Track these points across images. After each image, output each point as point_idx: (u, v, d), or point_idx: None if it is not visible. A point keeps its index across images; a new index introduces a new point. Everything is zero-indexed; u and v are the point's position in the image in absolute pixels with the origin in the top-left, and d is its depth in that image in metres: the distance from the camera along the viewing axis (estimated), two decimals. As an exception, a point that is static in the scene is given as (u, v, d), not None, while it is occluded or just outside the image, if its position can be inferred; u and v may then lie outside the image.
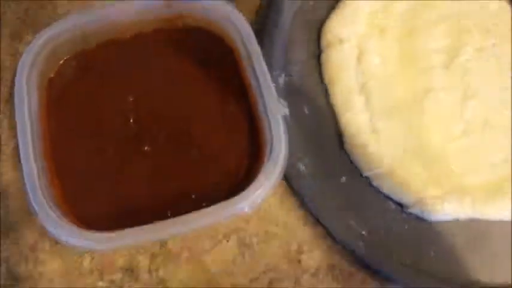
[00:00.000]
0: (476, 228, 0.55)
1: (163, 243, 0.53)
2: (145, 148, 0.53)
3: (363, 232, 0.53)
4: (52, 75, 0.55)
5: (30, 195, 0.47)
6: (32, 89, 0.52)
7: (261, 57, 0.51)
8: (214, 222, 0.51)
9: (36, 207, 0.47)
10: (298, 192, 0.53)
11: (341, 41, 0.58)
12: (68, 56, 0.56)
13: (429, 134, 0.57)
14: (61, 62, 0.55)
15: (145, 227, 0.47)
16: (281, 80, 0.57)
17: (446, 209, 0.54)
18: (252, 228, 0.53)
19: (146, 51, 0.56)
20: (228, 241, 0.53)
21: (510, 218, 0.55)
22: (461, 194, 0.55)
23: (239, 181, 0.52)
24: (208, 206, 0.49)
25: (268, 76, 0.50)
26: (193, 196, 0.52)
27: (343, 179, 0.55)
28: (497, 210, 0.55)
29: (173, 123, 0.54)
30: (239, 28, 0.53)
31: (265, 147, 0.51)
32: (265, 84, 0.51)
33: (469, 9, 0.62)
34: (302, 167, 0.54)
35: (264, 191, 0.48)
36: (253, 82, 0.52)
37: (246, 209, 0.48)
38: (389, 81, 0.58)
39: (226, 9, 0.53)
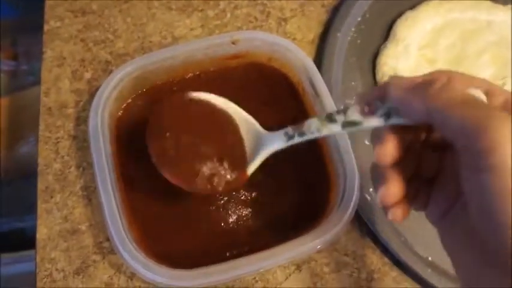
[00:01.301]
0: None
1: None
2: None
3: (429, 258, 0.56)
4: (120, 114, 0.56)
5: (113, 233, 0.49)
6: (104, 128, 0.53)
7: (326, 90, 0.54)
8: (289, 259, 0.53)
9: (119, 245, 0.49)
10: (366, 221, 0.56)
11: (395, 73, 0.61)
12: (134, 95, 0.57)
13: None
14: (129, 101, 0.57)
15: (222, 265, 0.50)
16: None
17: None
18: (323, 258, 0.56)
19: (211, 89, 0.58)
20: (300, 272, 0.55)
21: None
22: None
23: (308, 214, 0.54)
24: (278, 238, 0.52)
25: (332, 108, 0.53)
26: (264, 231, 0.54)
27: (407, 206, 0.57)
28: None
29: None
30: (303, 64, 0.56)
31: (334, 178, 0.55)
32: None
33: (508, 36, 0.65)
34: (367, 197, 0.56)
35: (339, 229, 0.51)
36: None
37: (322, 246, 0.51)
38: None
39: (288, 45, 0.56)
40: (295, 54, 0.58)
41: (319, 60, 0.63)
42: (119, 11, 0.65)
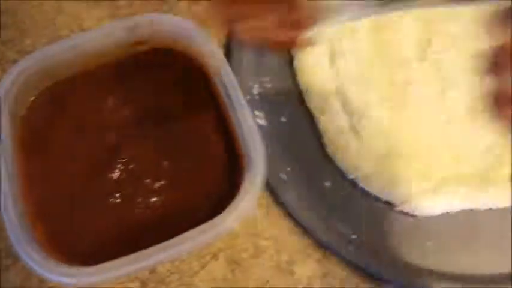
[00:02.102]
0: (468, 220, 0.57)
1: (152, 269, 0.53)
2: (124, 177, 0.53)
3: (353, 236, 0.55)
4: (23, 113, 0.56)
5: (13, 238, 0.48)
6: (5, 129, 0.52)
7: (229, 71, 0.53)
8: (201, 244, 0.51)
9: (19, 250, 0.48)
10: (282, 202, 0.54)
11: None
12: (38, 92, 0.56)
13: (413, 127, 0.59)
14: (31, 98, 0.56)
15: (130, 256, 0.48)
16: (255, 91, 0.59)
17: (437, 203, 0.54)
18: (240, 244, 0.55)
19: (117, 79, 0.57)
20: (216, 260, 0.53)
21: (499, 206, 0.55)
22: (453, 184, 0.56)
23: (220, 198, 0.53)
24: (192, 227, 0.50)
25: (237, 90, 0.53)
26: (175, 219, 0.52)
27: (328, 183, 0.56)
28: (491, 199, 0.55)
29: (149, 148, 0.54)
30: (204, 44, 0.54)
31: (243, 161, 0.53)
32: (236, 98, 0.52)
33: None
34: (284, 176, 0.55)
35: (247, 203, 0.50)
36: (225, 98, 0.53)
37: (233, 225, 0.50)
38: (365, 79, 0.60)
39: (189, 27, 0.55)
40: (198, 36, 0.56)
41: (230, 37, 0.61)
42: (30, 7, 0.64)
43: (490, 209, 0.57)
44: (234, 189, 0.52)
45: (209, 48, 0.55)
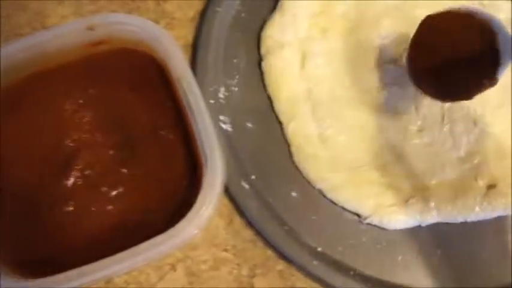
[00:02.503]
0: (441, 234, 0.55)
1: (108, 280, 0.51)
2: (79, 184, 0.51)
3: (319, 249, 0.53)
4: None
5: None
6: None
7: (189, 75, 0.52)
8: (158, 255, 0.49)
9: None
10: (244, 213, 0.52)
11: (282, 46, 0.57)
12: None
13: (384, 135, 0.56)
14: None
15: (84, 268, 0.47)
16: (221, 94, 0.56)
17: (407, 215, 0.52)
18: (200, 255, 0.54)
19: (76, 80, 0.55)
20: (175, 271, 0.52)
21: (475, 219, 0.53)
22: (424, 197, 0.53)
23: (180, 206, 0.51)
24: (150, 236, 0.48)
25: (197, 96, 0.51)
26: (133, 228, 0.51)
27: (294, 193, 0.54)
28: (465, 212, 0.52)
29: (107, 154, 0.52)
30: (166, 45, 0.53)
31: (203, 168, 0.51)
32: (196, 105, 0.50)
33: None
34: (247, 186, 0.52)
35: (205, 212, 0.48)
36: (185, 102, 0.50)
37: (191, 235, 0.48)
38: (337, 83, 0.58)
39: (150, 27, 0.53)
40: (160, 37, 0.53)
41: (197, 38, 0.58)
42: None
43: (466, 221, 0.55)
44: (193, 196, 0.50)
45: (171, 51, 0.53)
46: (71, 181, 0.53)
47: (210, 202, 0.48)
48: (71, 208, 0.52)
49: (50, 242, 0.52)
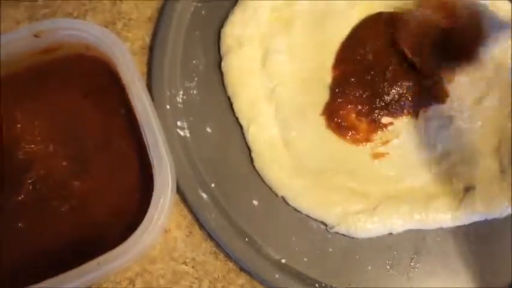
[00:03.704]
0: (414, 238, 0.52)
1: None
2: (31, 199, 0.51)
3: (283, 260, 0.51)
4: None
5: None
6: None
7: (137, 80, 0.51)
8: (115, 268, 0.48)
9: None
10: (203, 225, 0.50)
11: (241, 44, 0.54)
12: None
13: None
14: None
15: (38, 285, 0.46)
16: (179, 98, 0.54)
17: (377, 224, 0.49)
18: (159, 269, 0.53)
19: (27, 89, 0.54)
20: (133, 285, 0.50)
21: (451, 225, 0.49)
22: (395, 203, 0.50)
23: (134, 217, 0.49)
24: (104, 251, 0.47)
25: (145, 101, 0.49)
26: (87, 243, 0.50)
27: (255, 202, 0.51)
28: (438, 218, 0.50)
29: (59, 166, 0.51)
30: (113, 49, 0.51)
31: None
32: (144, 111, 0.48)
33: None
34: (205, 195, 0.50)
35: (157, 222, 0.47)
36: (136, 109, 0.48)
37: (145, 247, 0.47)
38: (301, 82, 0.55)
39: (96, 30, 0.52)
40: (105, 40, 0.52)
41: (152, 43, 0.56)
42: None
43: (441, 228, 0.51)
44: (147, 206, 0.49)
45: (119, 55, 0.51)
46: (21, 196, 0.52)
47: (161, 213, 0.47)
48: (22, 225, 0.51)
49: (2, 259, 0.51)
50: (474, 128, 0.53)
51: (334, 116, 0.53)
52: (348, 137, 0.53)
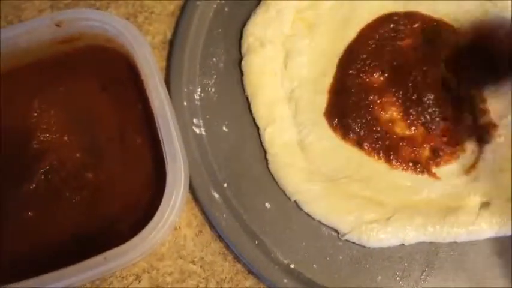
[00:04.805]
0: (426, 251, 0.51)
1: (71, 289, 0.50)
2: (43, 188, 0.52)
3: (292, 265, 0.50)
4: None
5: None
6: None
7: (156, 75, 0.51)
8: (124, 264, 0.48)
9: None
10: (214, 225, 0.49)
11: (263, 44, 0.54)
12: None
13: None
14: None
15: (44, 277, 0.46)
16: (196, 95, 0.54)
17: (390, 234, 0.49)
18: (166, 267, 0.52)
19: (46, 78, 0.55)
20: (139, 282, 0.50)
21: (466, 239, 0.49)
22: (409, 214, 0.49)
23: (145, 212, 0.49)
24: (116, 245, 0.47)
25: (163, 97, 0.49)
26: (97, 236, 0.50)
27: (268, 205, 0.51)
28: (453, 232, 0.49)
29: (72, 156, 0.52)
30: (133, 42, 0.51)
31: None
32: (161, 106, 0.49)
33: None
34: (217, 195, 0.50)
35: (168, 219, 0.47)
36: (153, 104, 0.48)
37: (153, 245, 0.47)
38: (322, 84, 0.53)
39: (117, 22, 0.52)
40: (126, 32, 0.52)
41: (173, 38, 0.56)
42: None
43: (455, 242, 0.50)
44: (158, 202, 0.49)
45: (139, 49, 0.51)
46: (33, 186, 0.52)
47: (172, 210, 0.47)
48: (32, 214, 0.52)
49: (9, 249, 0.51)
50: (495, 144, 0.52)
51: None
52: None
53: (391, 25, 0.55)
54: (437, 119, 0.53)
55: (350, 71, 0.54)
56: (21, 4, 0.61)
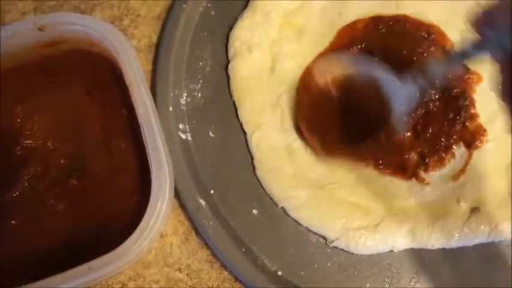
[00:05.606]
0: (416, 257, 0.51)
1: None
2: (26, 196, 0.51)
3: (279, 272, 0.50)
4: None
5: None
6: None
7: (140, 80, 0.50)
8: (109, 273, 0.47)
9: None
10: (200, 232, 0.49)
11: (250, 48, 0.53)
12: None
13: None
14: None
15: (30, 286, 0.46)
16: (182, 100, 0.53)
17: (378, 241, 0.48)
18: (152, 275, 0.52)
19: (30, 83, 0.54)
20: (125, 291, 0.49)
21: (455, 246, 0.49)
22: (398, 220, 0.49)
23: (132, 224, 0.48)
24: (102, 253, 0.46)
25: (147, 102, 0.49)
26: (83, 244, 0.49)
27: (255, 212, 0.51)
28: (442, 238, 0.49)
29: (57, 163, 0.51)
30: (117, 46, 0.50)
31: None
32: (145, 112, 0.48)
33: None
34: (203, 202, 0.49)
35: (154, 227, 0.46)
36: (138, 111, 0.48)
37: (138, 253, 0.46)
38: None
39: (101, 26, 0.51)
40: (109, 36, 0.51)
41: (159, 41, 0.55)
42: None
43: (444, 248, 0.50)
44: (144, 209, 0.48)
45: (123, 53, 0.51)
46: (17, 193, 0.51)
47: (157, 217, 0.47)
48: (15, 222, 0.51)
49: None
50: (485, 148, 0.52)
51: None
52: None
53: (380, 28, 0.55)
54: (426, 124, 0.53)
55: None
56: (4, 6, 0.60)
